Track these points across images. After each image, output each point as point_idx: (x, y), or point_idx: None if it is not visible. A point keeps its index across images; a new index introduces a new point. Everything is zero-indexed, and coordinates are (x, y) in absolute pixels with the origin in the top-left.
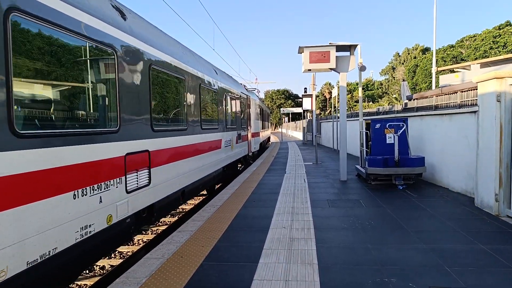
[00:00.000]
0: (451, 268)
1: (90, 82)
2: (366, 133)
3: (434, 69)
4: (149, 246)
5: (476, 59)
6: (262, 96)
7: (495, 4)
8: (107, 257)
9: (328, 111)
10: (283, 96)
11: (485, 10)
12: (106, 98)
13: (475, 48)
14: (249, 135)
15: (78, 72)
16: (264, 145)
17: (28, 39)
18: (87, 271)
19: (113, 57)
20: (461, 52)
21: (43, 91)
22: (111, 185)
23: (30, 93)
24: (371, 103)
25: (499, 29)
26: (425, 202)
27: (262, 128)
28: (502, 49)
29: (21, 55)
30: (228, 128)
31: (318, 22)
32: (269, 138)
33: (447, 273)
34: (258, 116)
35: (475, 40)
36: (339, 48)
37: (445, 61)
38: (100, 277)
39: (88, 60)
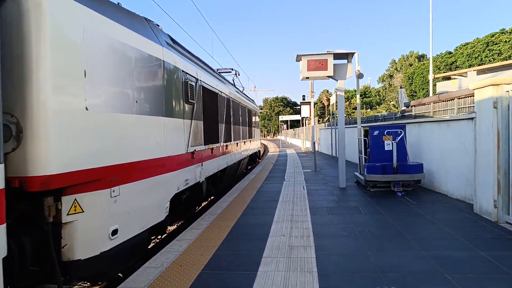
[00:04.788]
0: (451, 275)
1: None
2: (365, 140)
3: (431, 76)
4: (147, 255)
5: (471, 66)
6: (260, 103)
7: (491, 10)
8: None
9: (326, 119)
10: (281, 103)
11: (480, 17)
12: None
13: (467, 55)
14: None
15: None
16: (241, 172)
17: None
18: (85, 281)
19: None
20: (455, 60)
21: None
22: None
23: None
24: (369, 110)
25: (492, 36)
26: (424, 209)
27: (229, 140)
28: (497, 56)
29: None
30: None
31: (316, 30)
32: (257, 153)
33: (447, 280)
34: (197, 112)
35: (466, 48)
36: (337, 56)
37: (439, 68)
38: (98, 287)
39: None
